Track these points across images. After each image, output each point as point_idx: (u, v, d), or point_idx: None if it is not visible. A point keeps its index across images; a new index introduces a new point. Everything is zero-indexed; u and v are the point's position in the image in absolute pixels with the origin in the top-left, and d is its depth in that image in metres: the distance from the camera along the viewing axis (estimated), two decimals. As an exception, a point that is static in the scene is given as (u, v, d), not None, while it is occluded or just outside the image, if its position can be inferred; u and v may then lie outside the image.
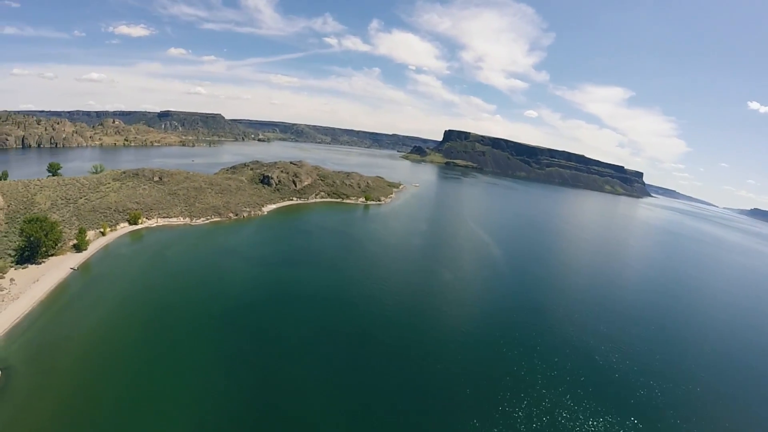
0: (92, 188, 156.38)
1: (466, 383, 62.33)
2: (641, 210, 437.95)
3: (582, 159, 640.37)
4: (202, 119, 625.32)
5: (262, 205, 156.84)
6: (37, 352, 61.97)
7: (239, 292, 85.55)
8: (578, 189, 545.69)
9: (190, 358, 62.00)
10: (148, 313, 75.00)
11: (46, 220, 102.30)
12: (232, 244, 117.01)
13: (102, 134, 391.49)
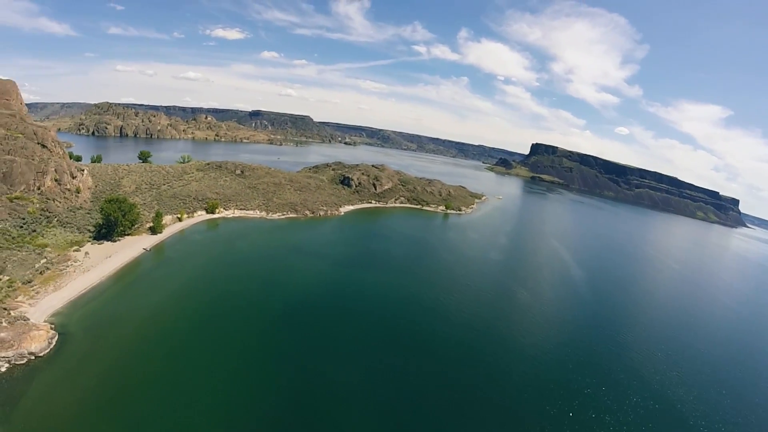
0: (176, 176, 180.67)
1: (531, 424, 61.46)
2: (736, 241, 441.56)
3: (674, 181, 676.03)
4: (292, 120, 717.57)
5: (340, 206, 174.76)
6: (95, 323, 72.71)
7: (303, 289, 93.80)
8: (668, 213, 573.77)
9: (239, 350, 68.03)
10: (208, 299, 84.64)
11: (125, 202, 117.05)
12: (303, 242, 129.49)
13: (194, 128, 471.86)
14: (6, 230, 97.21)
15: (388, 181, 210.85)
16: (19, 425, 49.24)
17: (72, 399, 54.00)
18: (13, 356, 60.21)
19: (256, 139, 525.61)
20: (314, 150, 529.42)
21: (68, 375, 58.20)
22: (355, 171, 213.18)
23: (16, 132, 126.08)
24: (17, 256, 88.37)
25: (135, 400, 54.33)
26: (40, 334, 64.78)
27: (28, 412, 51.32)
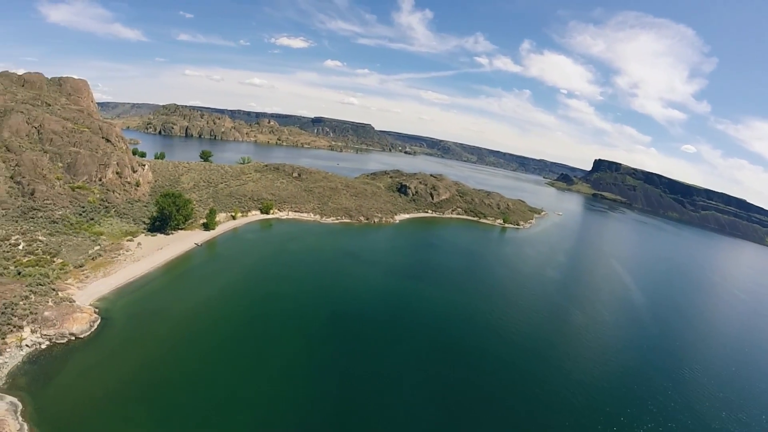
0: (234, 176, 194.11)
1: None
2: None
3: (742, 204, 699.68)
4: (353, 128, 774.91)
5: (395, 214, 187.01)
6: (138, 311, 78.87)
7: (353, 297, 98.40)
8: (735, 238, 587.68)
9: (280, 354, 71.18)
10: (254, 299, 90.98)
11: (180, 197, 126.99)
12: (356, 248, 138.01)
13: (257, 132, 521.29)
14: (66, 217, 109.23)
15: (445, 191, 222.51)
16: (50, 401, 53.80)
17: (104, 382, 58.04)
18: (54, 335, 66.11)
19: (317, 145, 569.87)
20: (374, 158, 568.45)
21: (104, 359, 63.47)
22: (412, 179, 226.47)
23: (83, 126, 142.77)
24: (73, 241, 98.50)
25: (166, 392, 58.00)
26: (82, 317, 70.71)
27: (60, 389, 56.12)
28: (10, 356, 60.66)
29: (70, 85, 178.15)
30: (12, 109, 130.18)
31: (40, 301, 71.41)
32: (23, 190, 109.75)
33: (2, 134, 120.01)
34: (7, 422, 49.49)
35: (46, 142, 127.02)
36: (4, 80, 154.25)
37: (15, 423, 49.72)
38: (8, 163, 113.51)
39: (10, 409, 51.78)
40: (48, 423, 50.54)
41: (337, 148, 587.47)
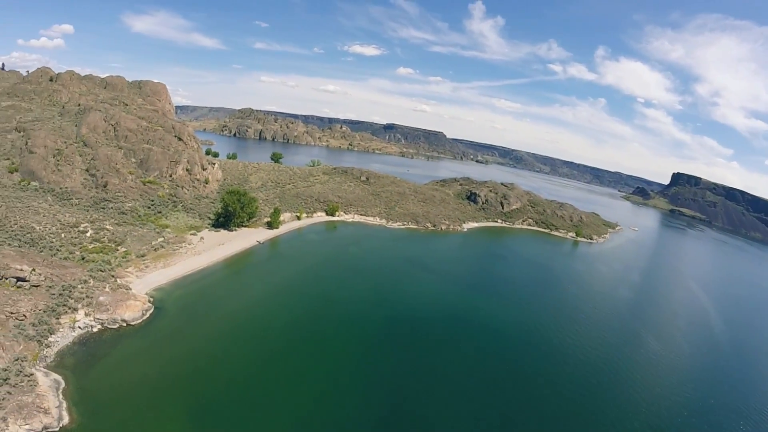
0: (302, 177, 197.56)
1: None
2: None
3: None
4: (425, 135, 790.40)
5: (463, 222, 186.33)
6: (192, 303, 79.71)
7: (412, 306, 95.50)
8: None
9: (331, 358, 69.10)
10: (310, 300, 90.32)
11: (245, 195, 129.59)
12: (420, 255, 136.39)
13: (329, 137, 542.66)
14: (135, 209, 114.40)
15: (516, 200, 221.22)
16: (92, 382, 54.41)
17: (146, 371, 57.94)
18: (106, 320, 67.14)
19: (388, 151, 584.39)
20: (445, 165, 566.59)
21: (150, 348, 63.86)
22: (482, 187, 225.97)
23: (157, 125, 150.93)
24: (138, 232, 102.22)
25: (204, 389, 56.73)
26: (136, 304, 71.55)
27: (103, 372, 56.76)
28: (62, 336, 62.12)
29: (149, 87, 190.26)
30: (91, 107, 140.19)
31: (98, 286, 73.29)
32: (97, 182, 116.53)
33: (81, 130, 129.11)
34: (47, 398, 50.17)
35: (121, 139, 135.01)
36: (88, 83, 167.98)
37: (54, 400, 50.33)
38: (84, 157, 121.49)
39: (52, 386, 52.61)
40: (85, 403, 50.76)
41: (408, 155, 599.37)
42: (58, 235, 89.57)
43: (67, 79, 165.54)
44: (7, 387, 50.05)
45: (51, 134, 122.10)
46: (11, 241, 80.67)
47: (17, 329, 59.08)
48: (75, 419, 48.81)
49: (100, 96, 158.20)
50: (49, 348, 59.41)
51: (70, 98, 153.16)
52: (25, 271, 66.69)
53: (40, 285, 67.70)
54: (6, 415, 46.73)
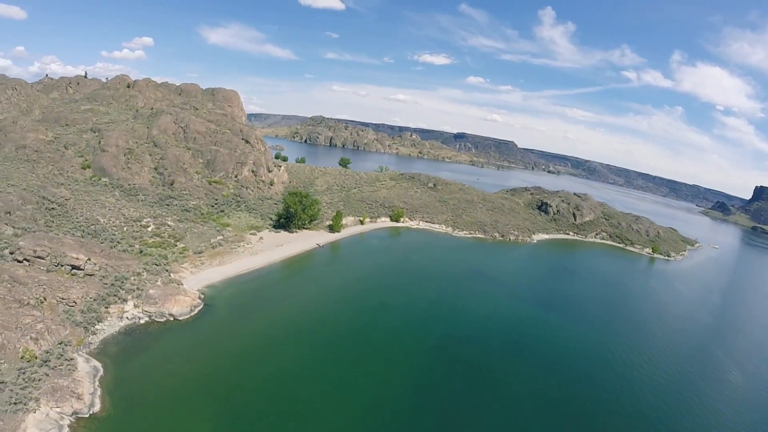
0: (368, 182, 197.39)
1: None
2: None
3: None
4: (495, 144, 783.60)
5: (533, 232, 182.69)
6: (243, 303, 79.49)
7: (472, 319, 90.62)
8: None
9: (376, 371, 65.71)
10: (364, 307, 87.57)
11: (308, 197, 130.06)
12: (485, 265, 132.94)
13: (399, 144, 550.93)
14: (199, 207, 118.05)
15: (589, 212, 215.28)
16: (130, 373, 54.59)
17: (186, 367, 57.38)
18: (154, 313, 67.77)
19: (458, 160, 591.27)
20: (515, 175, 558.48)
21: (194, 344, 63.65)
22: (554, 197, 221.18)
23: (225, 128, 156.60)
24: (199, 229, 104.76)
25: (243, 392, 55.07)
26: (185, 300, 71.86)
27: (143, 364, 56.90)
28: (108, 325, 63.26)
29: (222, 94, 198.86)
30: (163, 111, 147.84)
31: (150, 279, 74.61)
32: (164, 180, 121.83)
33: (152, 132, 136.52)
34: (83, 384, 50.56)
35: (190, 140, 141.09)
36: (163, 89, 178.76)
37: (90, 386, 50.76)
38: (154, 156, 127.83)
39: (90, 372, 53.21)
40: (120, 393, 50.77)
41: (478, 164, 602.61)
42: (121, 228, 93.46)
43: (143, 85, 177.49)
44: (45, 368, 51.06)
45: (123, 134, 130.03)
46: (75, 231, 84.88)
47: (66, 314, 60.74)
48: (106, 408, 48.70)
49: (174, 102, 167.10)
50: (95, 335, 60.52)
51: (145, 103, 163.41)
52: (80, 260, 69.01)
53: (94, 274, 69.80)
54: (39, 396, 47.34)
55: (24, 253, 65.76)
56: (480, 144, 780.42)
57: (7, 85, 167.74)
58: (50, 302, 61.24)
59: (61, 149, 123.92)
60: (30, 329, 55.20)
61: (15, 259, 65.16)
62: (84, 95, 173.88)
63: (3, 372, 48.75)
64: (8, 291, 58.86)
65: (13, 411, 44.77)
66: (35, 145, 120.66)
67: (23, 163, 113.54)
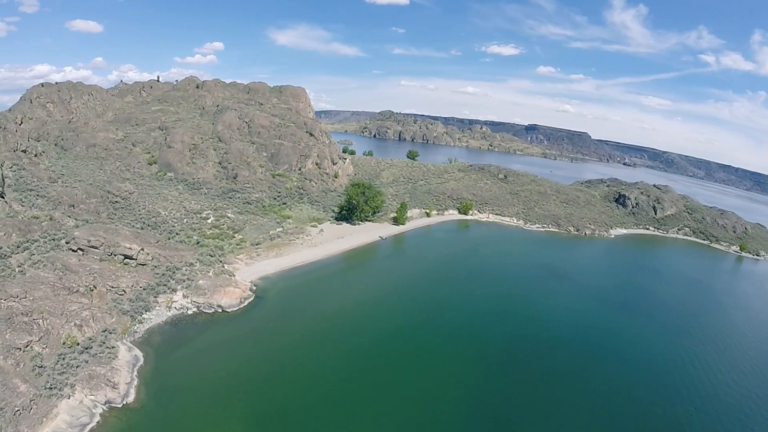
0: (436, 174, 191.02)
1: None
2: None
3: None
4: (568, 136, 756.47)
5: (610, 227, 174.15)
6: (294, 296, 77.12)
7: (541, 321, 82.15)
8: None
9: (429, 376, 59.57)
10: (424, 305, 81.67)
11: (370, 188, 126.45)
12: (559, 261, 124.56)
13: (469, 137, 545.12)
14: (261, 199, 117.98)
15: (671, 205, 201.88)
16: (170, 365, 53.25)
17: (228, 362, 55.06)
18: (202, 303, 66.23)
19: (530, 152, 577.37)
20: (590, 168, 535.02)
21: (240, 338, 61.26)
22: (632, 189, 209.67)
23: (289, 122, 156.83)
24: (258, 221, 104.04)
25: (284, 392, 52.08)
26: (234, 291, 69.86)
27: (185, 356, 55.37)
28: (156, 314, 62.38)
29: (289, 92, 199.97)
30: (227, 107, 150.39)
31: (202, 270, 73.52)
32: (228, 174, 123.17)
33: (217, 127, 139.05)
34: (120, 373, 49.47)
35: (254, 135, 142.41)
36: (232, 89, 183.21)
37: (127, 375, 49.60)
38: (218, 151, 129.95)
39: (131, 361, 52.13)
40: (157, 385, 49.27)
41: (551, 156, 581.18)
42: (181, 220, 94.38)
43: (211, 86, 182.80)
44: (86, 355, 50.40)
45: (189, 131, 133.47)
46: (135, 222, 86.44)
47: (114, 303, 60.44)
48: (140, 399, 47.10)
49: (241, 99, 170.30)
50: (141, 324, 59.69)
51: (213, 102, 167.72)
52: (133, 250, 68.94)
53: (146, 264, 69.51)
54: (75, 383, 46.60)
55: (78, 242, 66.48)
56: (552, 136, 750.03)
57: (84, 91, 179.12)
58: (100, 290, 61.09)
59: (128, 147, 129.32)
60: (75, 316, 54.90)
61: (70, 249, 65.95)
62: (155, 97, 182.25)
63: (44, 357, 48.38)
64: (59, 279, 59.24)
65: (47, 396, 44.24)
66: (104, 143, 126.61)
67: (92, 160, 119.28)
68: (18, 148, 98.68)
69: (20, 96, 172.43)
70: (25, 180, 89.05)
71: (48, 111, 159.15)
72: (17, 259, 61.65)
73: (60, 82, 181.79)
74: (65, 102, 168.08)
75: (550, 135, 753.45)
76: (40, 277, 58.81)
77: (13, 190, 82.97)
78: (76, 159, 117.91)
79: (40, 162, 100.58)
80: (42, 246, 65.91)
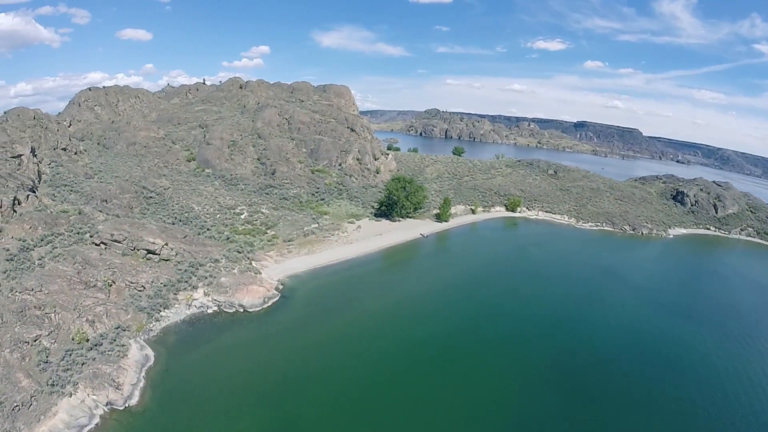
0: (482, 170, 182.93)
1: None
2: None
3: None
4: (618, 133, 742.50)
5: (668, 226, 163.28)
6: (323, 296, 72.27)
7: (598, 330, 72.91)
8: None
9: (468, 392, 52.42)
10: (465, 309, 74.83)
11: (411, 182, 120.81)
12: (615, 263, 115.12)
13: (517, 135, 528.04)
14: (299, 195, 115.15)
15: (733, 203, 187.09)
16: (182, 366, 50.08)
17: (244, 367, 51.34)
18: (224, 302, 62.90)
19: (579, 149, 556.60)
20: (641, 165, 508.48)
21: (260, 341, 57.36)
22: (691, 186, 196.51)
23: (330, 117, 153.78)
24: (293, 217, 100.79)
25: (303, 403, 46.77)
26: (258, 290, 66.05)
27: (198, 358, 51.97)
28: (174, 312, 59.66)
29: (333, 90, 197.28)
30: (267, 104, 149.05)
31: (228, 266, 70.61)
32: (266, 170, 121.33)
33: (256, 124, 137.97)
34: (127, 373, 46.56)
35: (294, 131, 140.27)
36: (276, 89, 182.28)
37: (134, 376, 46.68)
38: (257, 147, 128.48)
39: (140, 361, 49.19)
40: (164, 388, 46.21)
41: (601, 153, 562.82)
42: (213, 216, 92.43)
43: (255, 86, 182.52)
44: (94, 352, 48.02)
45: (228, 128, 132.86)
46: (167, 218, 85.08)
47: (132, 298, 58.11)
48: (144, 402, 44.03)
49: (283, 98, 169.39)
50: (158, 322, 56.95)
51: (255, 101, 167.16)
52: (156, 245, 66.72)
53: (169, 259, 67.15)
54: (78, 380, 43.99)
55: (102, 236, 64.91)
56: (602, 132, 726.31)
57: (131, 94, 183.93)
58: (118, 285, 58.90)
59: (168, 144, 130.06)
60: (88, 311, 52.71)
61: (93, 243, 64.24)
62: (200, 98, 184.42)
63: (51, 352, 46.38)
64: (77, 273, 57.43)
65: (48, 393, 42.00)
66: (144, 141, 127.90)
67: (132, 157, 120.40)
68: (58, 146, 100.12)
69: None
70: (61, 176, 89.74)
71: (96, 113, 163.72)
72: (39, 252, 60.52)
73: (107, 86, 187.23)
74: (112, 105, 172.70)
75: (599, 132, 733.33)
76: (59, 270, 57.19)
77: (48, 185, 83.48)
78: (116, 156, 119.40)
79: (79, 159, 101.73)
80: (66, 239, 64.74)
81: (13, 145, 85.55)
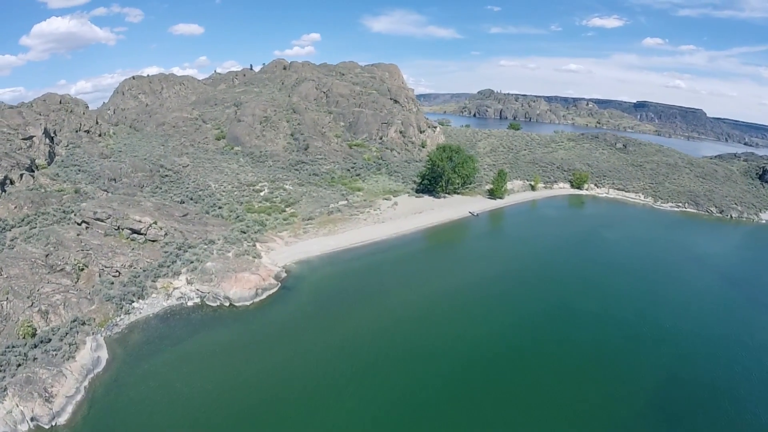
0: (542, 144, 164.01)
1: None
2: None
3: None
4: (681, 113, 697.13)
5: (759, 210, 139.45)
6: (335, 288, 59.91)
7: (698, 342, 55.09)
8: None
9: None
10: (524, 308, 59.62)
11: (459, 152, 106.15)
12: (708, 252, 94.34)
13: (575, 115, 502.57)
14: (332, 171, 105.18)
15: None
16: (138, 379, 40.29)
17: (213, 379, 40.80)
18: (207, 293, 52.93)
19: (641, 130, 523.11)
20: (708, 146, 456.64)
21: (241, 348, 45.82)
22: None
23: (371, 89, 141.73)
24: (319, 193, 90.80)
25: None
26: (249, 279, 54.95)
27: (161, 366, 42.16)
28: (149, 303, 50.90)
29: (382, 69, 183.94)
30: (305, 78, 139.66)
31: (222, 249, 61.37)
32: (299, 145, 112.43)
33: (292, 99, 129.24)
34: (66, 381, 38.01)
35: (332, 104, 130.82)
36: (322, 69, 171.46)
37: (73, 385, 37.98)
38: (291, 122, 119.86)
39: (87, 366, 40.35)
40: (104, 402, 37.29)
41: (664, 134, 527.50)
42: (231, 194, 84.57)
43: (299, 66, 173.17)
44: (38, 350, 40.19)
45: (261, 104, 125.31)
46: (177, 195, 78.61)
47: (101, 285, 49.66)
48: (74, 423, 35.16)
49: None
50: (128, 315, 48.41)
51: (297, 80, 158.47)
52: (142, 224, 58.46)
53: (156, 240, 58.77)
54: (8, 386, 35.90)
55: (84, 215, 57.61)
56: (663, 113, 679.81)
57: (175, 81, 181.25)
58: (90, 270, 51.07)
59: (198, 123, 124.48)
60: (44, 300, 45.03)
61: (75, 222, 56.70)
62: (243, 81, 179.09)
63: (-9, 348, 38.18)
64: (45, 255, 49.88)
65: (-30, 398, 33.75)
66: (174, 121, 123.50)
67: (159, 137, 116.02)
68: (81, 129, 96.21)
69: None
70: (74, 157, 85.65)
71: (139, 101, 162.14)
72: (13, 233, 53.68)
73: (151, 75, 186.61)
74: (156, 92, 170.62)
75: (661, 112, 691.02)
76: (27, 252, 50.08)
77: (57, 166, 78.44)
78: (143, 138, 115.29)
79: (102, 141, 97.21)
80: (48, 219, 57.68)
81: (27, 127, 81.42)
